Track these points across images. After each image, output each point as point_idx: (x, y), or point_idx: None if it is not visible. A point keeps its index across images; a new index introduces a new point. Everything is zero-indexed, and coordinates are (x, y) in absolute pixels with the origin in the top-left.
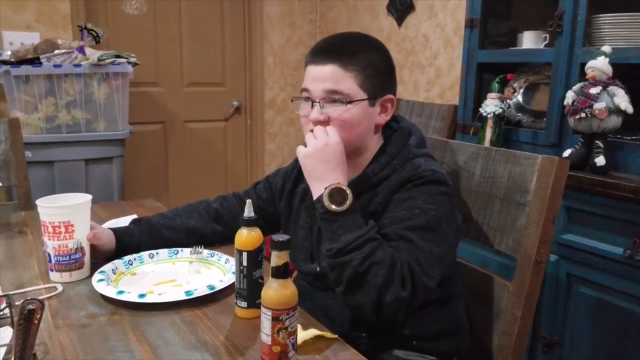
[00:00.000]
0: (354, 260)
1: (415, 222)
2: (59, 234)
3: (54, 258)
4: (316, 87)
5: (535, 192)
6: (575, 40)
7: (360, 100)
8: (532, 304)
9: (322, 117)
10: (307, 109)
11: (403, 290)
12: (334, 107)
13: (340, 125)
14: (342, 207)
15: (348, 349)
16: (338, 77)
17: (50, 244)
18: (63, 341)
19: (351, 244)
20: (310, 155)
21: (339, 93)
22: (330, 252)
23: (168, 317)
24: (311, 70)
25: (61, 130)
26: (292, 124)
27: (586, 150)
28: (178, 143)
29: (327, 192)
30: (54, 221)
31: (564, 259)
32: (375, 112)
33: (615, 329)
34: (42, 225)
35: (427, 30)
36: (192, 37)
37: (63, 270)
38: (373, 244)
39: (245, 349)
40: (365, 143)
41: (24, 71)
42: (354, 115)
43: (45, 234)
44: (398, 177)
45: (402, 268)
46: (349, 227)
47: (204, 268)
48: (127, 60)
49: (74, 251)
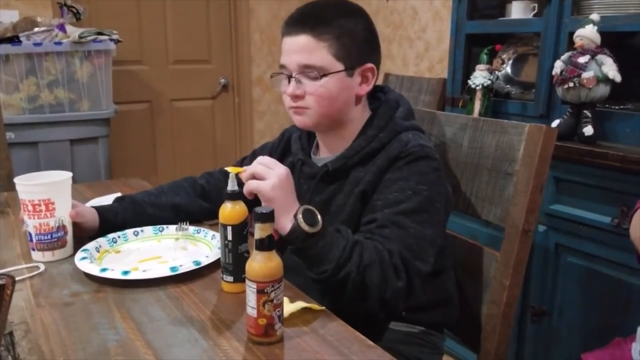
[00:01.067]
0: (351, 273)
1: (408, 205)
2: (39, 212)
3: (35, 237)
4: (291, 60)
5: (522, 161)
6: (563, 9)
7: (335, 73)
8: (520, 272)
9: (299, 91)
10: (285, 85)
11: (399, 281)
12: (309, 82)
13: (317, 99)
14: (317, 226)
15: (335, 320)
16: (311, 48)
17: (31, 222)
18: (45, 320)
19: (341, 258)
20: (279, 187)
21: (312, 67)
22: (325, 273)
23: (153, 294)
24: (285, 42)
25: (44, 111)
26: (280, 102)
27: (574, 120)
28: (165, 122)
29: (301, 217)
30: (33, 199)
31: (553, 229)
32: (354, 83)
33: (604, 297)
34: (22, 204)
35: (415, 3)
36: (176, 13)
37: (45, 250)
38: (358, 249)
39: (232, 323)
40: (346, 115)
41: (3, 50)
42: (330, 88)
43: (25, 213)
44: (386, 154)
45: (392, 259)
46: (331, 243)
47: (190, 244)
48: (109, 38)
49: (56, 229)
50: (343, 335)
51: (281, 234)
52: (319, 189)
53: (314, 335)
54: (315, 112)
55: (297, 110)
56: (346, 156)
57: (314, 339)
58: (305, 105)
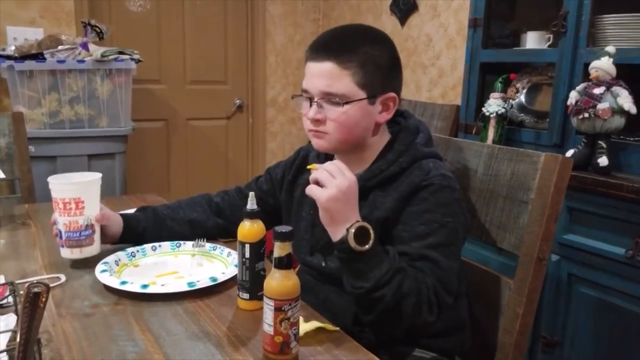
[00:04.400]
0: (385, 297)
1: (436, 239)
2: (69, 210)
3: (65, 234)
4: (314, 85)
5: (538, 190)
6: (579, 40)
7: (357, 101)
8: (533, 301)
9: (320, 116)
10: (306, 108)
11: (430, 316)
12: (331, 107)
13: (337, 126)
14: (367, 245)
15: (350, 341)
16: (335, 76)
17: (61, 220)
18: (66, 329)
19: (381, 281)
20: (335, 199)
21: (334, 95)
22: (361, 289)
23: (171, 308)
24: (309, 67)
25: (64, 126)
26: (293, 123)
27: (589, 150)
28: (180, 140)
29: (353, 233)
30: (64, 197)
31: (566, 259)
32: (375, 111)
33: (616, 329)
34: (54, 202)
35: (430, 31)
36: (195, 35)
37: (74, 247)
38: (400, 276)
39: (247, 340)
40: (364, 141)
41: (27, 66)
42: (351, 116)
43: (56, 210)
44: (408, 182)
45: (428, 294)
46: (376, 264)
47: (206, 261)
48: (130, 57)
49: (84, 228)
50: (357, 356)
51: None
52: None
53: (328, 355)
54: (335, 138)
55: (317, 134)
56: (365, 178)
57: (328, 359)
58: (325, 130)
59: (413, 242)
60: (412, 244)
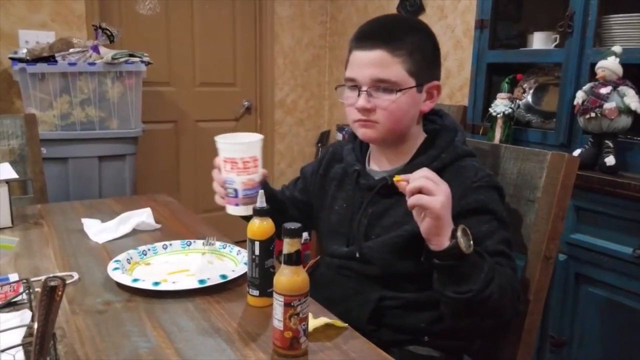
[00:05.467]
0: (493, 294)
1: (500, 234)
2: (248, 168)
3: (242, 192)
4: (363, 73)
5: (544, 189)
6: (585, 40)
7: (408, 89)
8: (540, 299)
9: (370, 105)
10: (353, 98)
11: (520, 305)
12: (382, 95)
13: (388, 114)
14: (471, 247)
15: (358, 337)
16: (386, 63)
17: (239, 178)
18: (80, 326)
19: (486, 279)
20: (446, 206)
21: (386, 82)
22: (469, 293)
23: (182, 305)
24: (356, 56)
25: (75, 128)
26: (301, 124)
27: (596, 150)
28: (189, 142)
29: (461, 237)
30: (244, 156)
31: (573, 258)
32: (421, 99)
33: (624, 329)
34: (229, 162)
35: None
36: (204, 38)
37: (249, 204)
38: (497, 273)
39: (257, 335)
40: (409, 130)
41: (39, 69)
42: (402, 104)
43: (232, 171)
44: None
45: (515, 285)
46: (478, 264)
47: (216, 259)
48: (140, 60)
49: (258, 184)
50: (366, 352)
51: (433, 249)
52: (374, 201)
53: (337, 350)
54: (384, 127)
55: (366, 124)
56: (407, 171)
57: (337, 354)
58: (375, 119)
59: (485, 241)
60: (485, 243)
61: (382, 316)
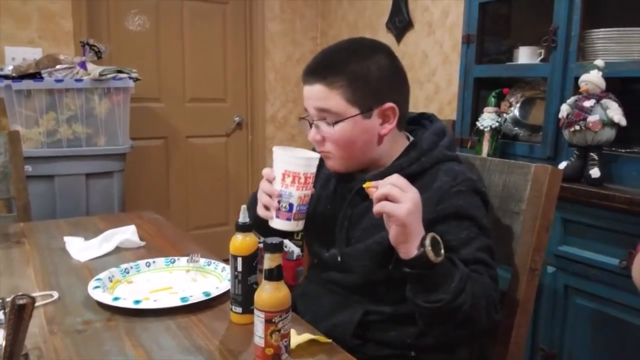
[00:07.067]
0: (464, 304)
1: (480, 242)
2: (307, 184)
3: (297, 207)
4: (309, 105)
5: (529, 201)
6: (569, 55)
7: (350, 118)
8: (527, 311)
9: (318, 136)
10: (307, 130)
11: (497, 315)
12: (325, 127)
13: (334, 145)
14: (441, 256)
15: (342, 352)
16: (324, 96)
17: (298, 193)
18: (57, 346)
19: (457, 289)
20: (413, 213)
21: (327, 112)
22: (440, 302)
23: (163, 323)
24: (304, 90)
25: (62, 145)
26: (293, 140)
27: (581, 162)
28: (180, 158)
29: (429, 245)
30: (307, 172)
31: (561, 270)
32: (374, 124)
33: (614, 340)
34: (291, 176)
35: (425, 47)
36: (194, 54)
37: (300, 219)
38: (470, 281)
39: (239, 353)
40: (372, 154)
41: (25, 86)
42: (346, 133)
43: (292, 185)
44: (436, 187)
45: (492, 293)
46: (449, 273)
47: (200, 276)
48: (128, 76)
49: (308, 202)
50: None
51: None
52: (354, 202)
53: None
54: (338, 156)
55: (324, 155)
56: (385, 174)
57: None
58: (327, 150)
59: (462, 249)
60: (461, 251)
61: (367, 330)
